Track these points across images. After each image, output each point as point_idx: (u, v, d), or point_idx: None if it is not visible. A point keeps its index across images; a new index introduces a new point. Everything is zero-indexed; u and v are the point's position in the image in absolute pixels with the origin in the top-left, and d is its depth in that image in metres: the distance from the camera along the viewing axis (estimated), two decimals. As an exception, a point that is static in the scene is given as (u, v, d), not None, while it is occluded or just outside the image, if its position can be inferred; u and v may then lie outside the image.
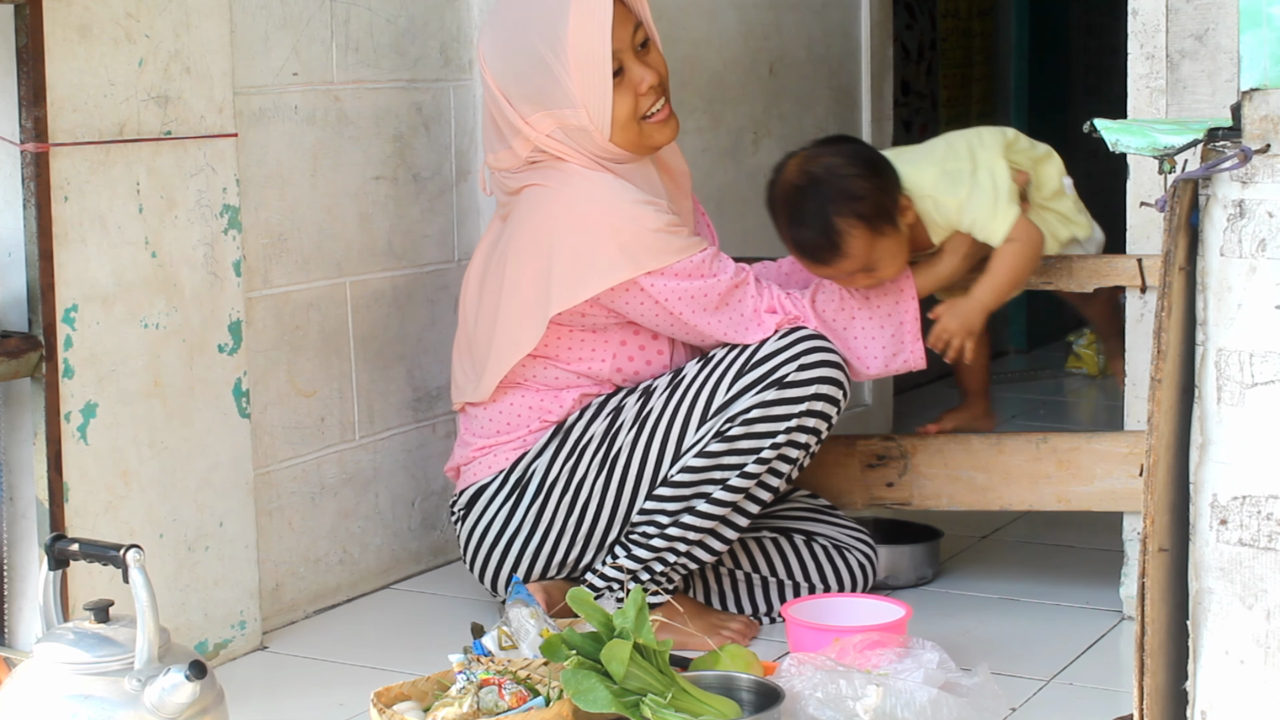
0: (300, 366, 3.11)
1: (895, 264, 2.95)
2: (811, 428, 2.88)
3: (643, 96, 2.91)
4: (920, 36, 5.39)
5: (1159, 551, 1.93)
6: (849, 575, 3.12)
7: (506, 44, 2.91)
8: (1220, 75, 2.93)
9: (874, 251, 2.91)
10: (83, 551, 2.21)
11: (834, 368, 2.88)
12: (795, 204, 2.95)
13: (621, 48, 2.89)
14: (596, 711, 2.37)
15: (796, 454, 2.89)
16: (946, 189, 2.98)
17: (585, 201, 2.89)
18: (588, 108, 2.87)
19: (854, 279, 2.95)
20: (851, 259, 2.90)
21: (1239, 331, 1.86)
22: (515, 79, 2.90)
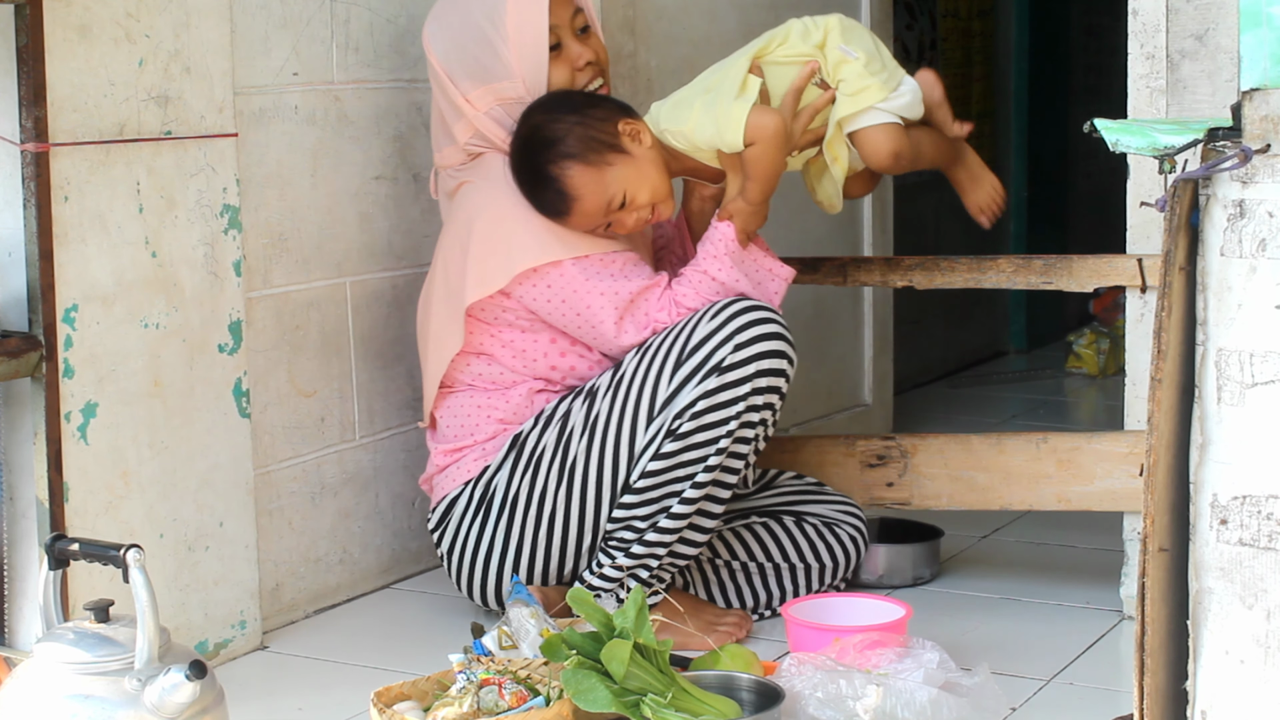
0: (300, 366, 3.11)
1: (653, 189, 2.88)
2: (762, 405, 2.84)
3: (579, 72, 2.96)
4: (920, 36, 5.39)
5: (1159, 551, 1.93)
6: (841, 551, 3.11)
7: (450, 23, 2.97)
8: (1220, 75, 2.93)
9: (612, 185, 2.85)
10: (83, 551, 2.21)
11: (772, 338, 2.82)
12: (517, 173, 2.90)
13: (559, 24, 2.94)
14: (597, 711, 2.37)
15: (753, 433, 2.86)
16: (672, 118, 2.90)
17: (505, 189, 2.92)
18: (524, 78, 2.92)
19: (630, 222, 2.88)
20: (591, 198, 2.85)
21: (1239, 331, 1.86)
22: (458, 55, 2.95)
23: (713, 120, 2.86)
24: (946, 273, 3.20)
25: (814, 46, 2.96)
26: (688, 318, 2.87)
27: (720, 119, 2.86)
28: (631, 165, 2.88)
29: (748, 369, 2.81)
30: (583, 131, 2.86)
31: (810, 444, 3.32)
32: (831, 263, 3.30)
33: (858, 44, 2.94)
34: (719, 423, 2.82)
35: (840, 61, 2.93)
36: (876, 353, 4.50)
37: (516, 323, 2.94)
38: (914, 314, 5.07)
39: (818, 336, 4.30)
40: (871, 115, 2.92)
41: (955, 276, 3.20)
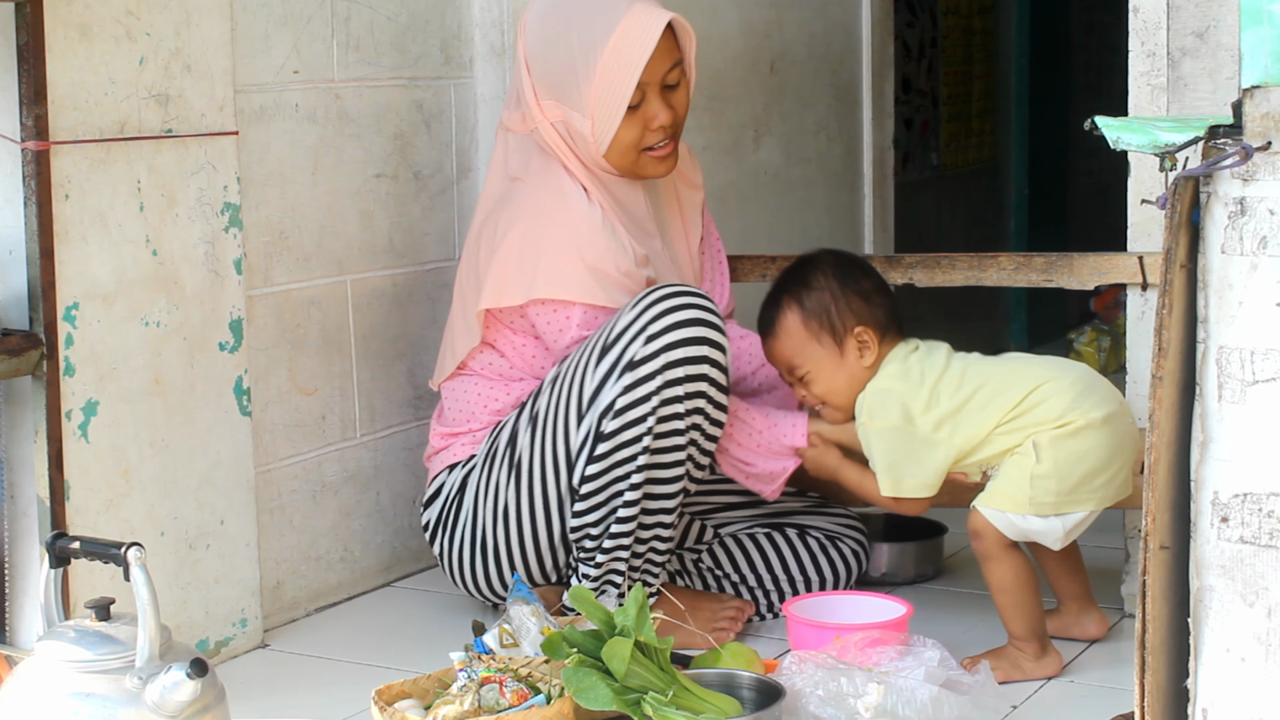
0: (301, 364, 3.11)
1: (831, 391, 2.87)
2: (683, 396, 2.75)
3: (651, 132, 2.89)
4: (921, 34, 5.39)
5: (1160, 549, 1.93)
6: (843, 564, 3.11)
7: (548, 29, 2.89)
8: (1221, 73, 2.93)
9: (804, 351, 2.87)
10: (84, 549, 2.21)
11: (687, 326, 2.73)
12: (784, 274, 2.94)
13: (650, 81, 2.86)
14: (598, 709, 2.37)
15: (681, 426, 2.77)
16: (873, 408, 2.83)
17: (553, 206, 2.87)
18: (595, 121, 2.85)
19: (794, 384, 2.91)
20: (784, 346, 2.88)
21: (1240, 329, 1.86)
22: (544, 62, 2.89)
23: (888, 461, 2.81)
24: (947, 270, 3.20)
25: (1052, 420, 2.71)
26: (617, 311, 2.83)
27: (892, 468, 2.81)
28: (833, 361, 2.85)
29: (655, 363, 2.73)
30: (828, 301, 2.85)
31: (811, 442, 3.32)
32: (832, 260, 3.29)
33: (1075, 457, 2.71)
34: (637, 420, 2.75)
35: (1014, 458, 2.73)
36: (877, 350, 4.49)
37: (529, 330, 2.93)
38: (915, 312, 5.06)
39: (819, 334, 4.30)
40: (995, 514, 2.73)
41: (956, 274, 3.20)
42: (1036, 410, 2.71)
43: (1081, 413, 2.69)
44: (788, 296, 2.88)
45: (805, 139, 4.23)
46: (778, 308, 2.88)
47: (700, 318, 2.75)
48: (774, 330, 2.89)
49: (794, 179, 4.21)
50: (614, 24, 2.81)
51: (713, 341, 2.75)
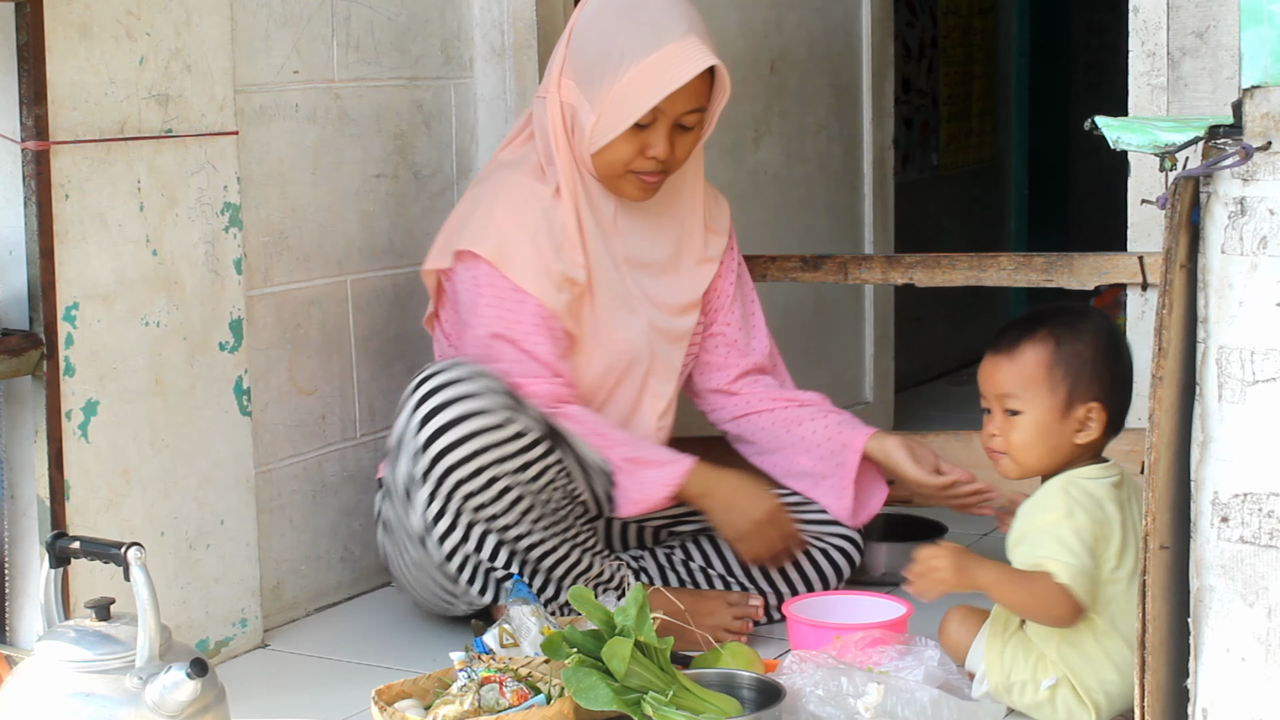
0: (301, 364, 3.11)
1: (1029, 440, 2.52)
2: (473, 491, 2.73)
3: (644, 158, 2.88)
4: (921, 34, 5.39)
5: (1160, 549, 1.93)
6: (832, 570, 3.08)
7: (604, 17, 2.88)
8: (1221, 73, 2.93)
9: (1031, 390, 2.51)
10: (84, 549, 2.21)
11: (447, 428, 2.70)
12: (1036, 310, 2.60)
13: (667, 111, 2.85)
14: (598, 709, 2.37)
15: (493, 508, 2.74)
16: (1032, 508, 2.52)
17: (512, 180, 2.91)
18: (599, 120, 2.86)
19: (994, 414, 2.56)
20: (1013, 365, 2.52)
21: (1240, 329, 1.86)
22: (584, 44, 2.89)
23: (1030, 549, 2.47)
24: (947, 270, 3.20)
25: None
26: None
27: (1029, 553, 2.47)
28: (1051, 419, 2.50)
29: (436, 471, 2.72)
30: (1086, 357, 2.50)
31: (811, 442, 3.32)
32: (833, 260, 3.30)
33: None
34: (450, 531, 2.76)
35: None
36: (878, 350, 4.50)
37: (455, 308, 2.95)
38: (915, 312, 5.07)
39: (819, 334, 4.30)
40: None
41: (956, 274, 3.20)
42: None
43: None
44: (1048, 329, 2.53)
45: (805, 139, 4.23)
46: (1031, 333, 2.54)
47: (444, 402, 2.72)
48: (1014, 352, 2.54)
49: (794, 179, 4.21)
50: (661, 44, 2.81)
51: (472, 414, 2.72)
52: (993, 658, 2.51)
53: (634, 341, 2.98)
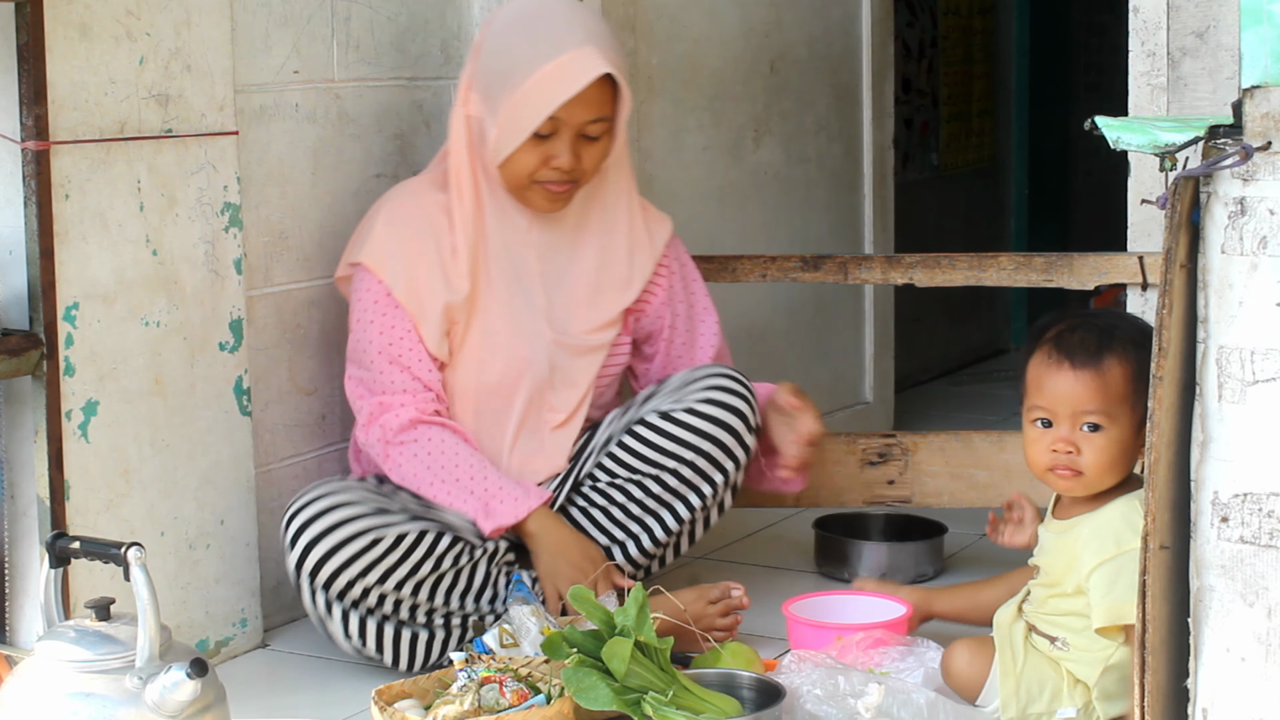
0: (301, 364, 3.11)
1: (1107, 458, 2.41)
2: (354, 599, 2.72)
3: (547, 168, 2.88)
4: (921, 34, 5.39)
5: (1160, 549, 1.93)
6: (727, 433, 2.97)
7: (507, 31, 2.91)
8: (1221, 73, 2.93)
9: (1116, 407, 2.40)
10: (84, 549, 2.21)
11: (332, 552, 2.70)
12: (1083, 321, 2.47)
13: (568, 121, 2.85)
14: (598, 709, 2.37)
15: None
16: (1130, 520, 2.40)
17: (411, 195, 2.94)
18: (500, 132, 2.87)
19: (1070, 429, 2.43)
20: (1100, 380, 2.40)
21: (1240, 329, 1.86)
22: (488, 57, 2.91)
23: (1108, 598, 2.39)
24: (947, 270, 3.20)
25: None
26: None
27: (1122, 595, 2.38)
28: (1127, 435, 2.41)
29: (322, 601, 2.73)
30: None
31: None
32: (833, 260, 3.30)
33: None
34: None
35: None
36: (878, 350, 4.50)
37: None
38: (915, 312, 5.07)
39: (819, 334, 4.30)
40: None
41: (956, 274, 3.20)
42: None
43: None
44: (1122, 344, 2.40)
45: (805, 139, 4.23)
46: (1109, 344, 2.41)
47: (316, 536, 2.72)
48: (1098, 367, 2.40)
49: (794, 179, 4.21)
50: (556, 53, 2.82)
51: (342, 542, 2.72)
52: (1008, 692, 2.46)
53: (533, 353, 2.96)
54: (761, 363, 4.09)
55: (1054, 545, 2.49)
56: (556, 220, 2.99)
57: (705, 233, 3.89)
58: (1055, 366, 2.42)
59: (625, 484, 2.97)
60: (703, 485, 2.96)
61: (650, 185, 3.74)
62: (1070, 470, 2.42)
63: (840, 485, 3.28)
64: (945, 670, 2.52)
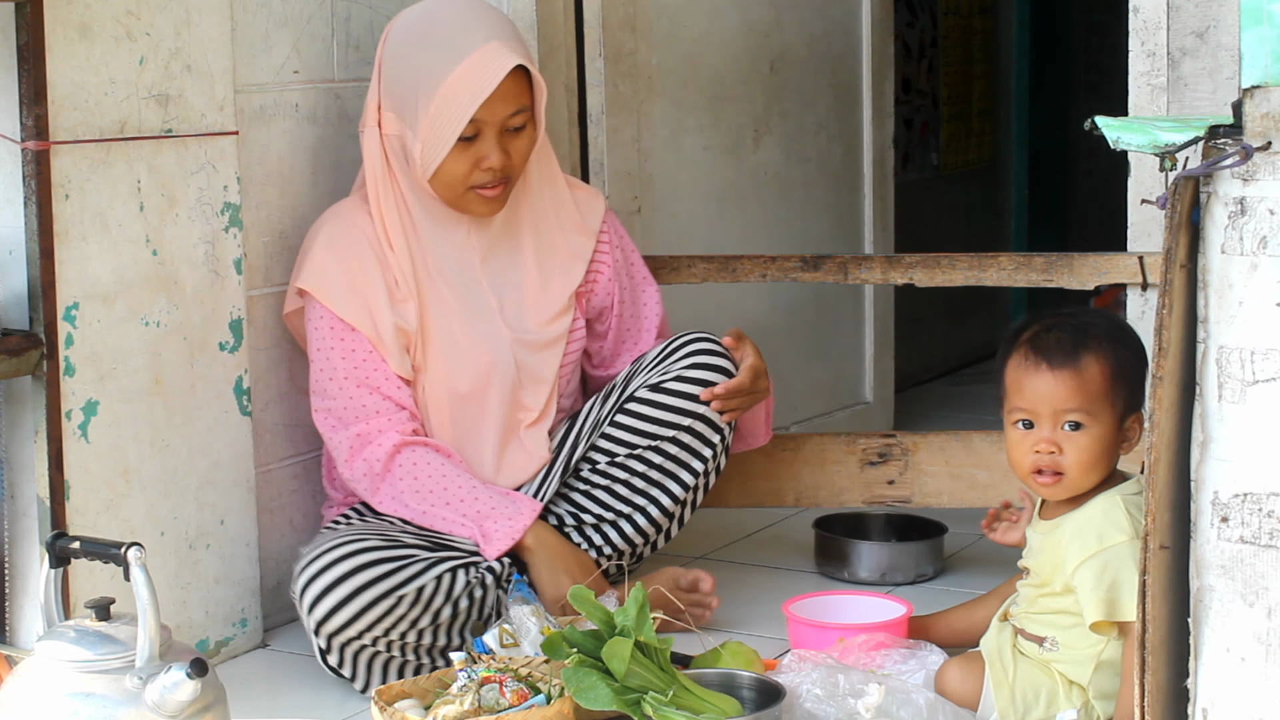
0: (301, 364, 3.11)
1: (1088, 458, 2.41)
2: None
3: (480, 171, 2.86)
4: (921, 34, 5.39)
5: (1160, 549, 1.93)
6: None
7: (405, 43, 2.88)
8: (1221, 73, 2.93)
9: (1096, 405, 2.41)
10: (84, 549, 2.21)
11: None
12: (1056, 320, 2.48)
13: (489, 120, 2.83)
14: (598, 709, 2.37)
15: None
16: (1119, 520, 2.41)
17: (330, 221, 2.92)
18: (424, 145, 2.84)
19: (1050, 430, 2.43)
20: (1078, 379, 2.40)
21: (1240, 329, 1.86)
22: (393, 74, 2.88)
23: (1100, 588, 2.38)
24: (947, 270, 3.20)
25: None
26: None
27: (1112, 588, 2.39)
28: (1108, 433, 2.42)
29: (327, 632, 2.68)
30: (1140, 371, 2.43)
31: (811, 441, 3.32)
32: (833, 260, 3.30)
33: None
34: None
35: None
36: (877, 350, 4.50)
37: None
38: (915, 311, 5.07)
39: (819, 334, 4.30)
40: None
41: (956, 274, 3.20)
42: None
43: None
44: (1098, 341, 2.42)
45: (805, 139, 4.23)
46: (1084, 342, 2.42)
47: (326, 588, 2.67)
48: (1076, 366, 2.41)
49: (794, 179, 4.21)
50: (462, 56, 2.80)
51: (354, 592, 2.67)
52: (1004, 703, 2.45)
53: (497, 356, 2.95)
54: (761, 363, 4.09)
55: (1040, 545, 2.50)
56: (490, 220, 2.97)
57: (705, 233, 3.89)
58: (1034, 368, 2.43)
59: (626, 460, 2.98)
60: (703, 449, 2.99)
61: (650, 185, 3.74)
62: (1053, 475, 2.44)
63: (840, 485, 3.28)
64: (940, 691, 2.52)
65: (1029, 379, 2.44)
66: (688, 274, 3.31)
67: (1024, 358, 2.46)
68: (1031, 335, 2.47)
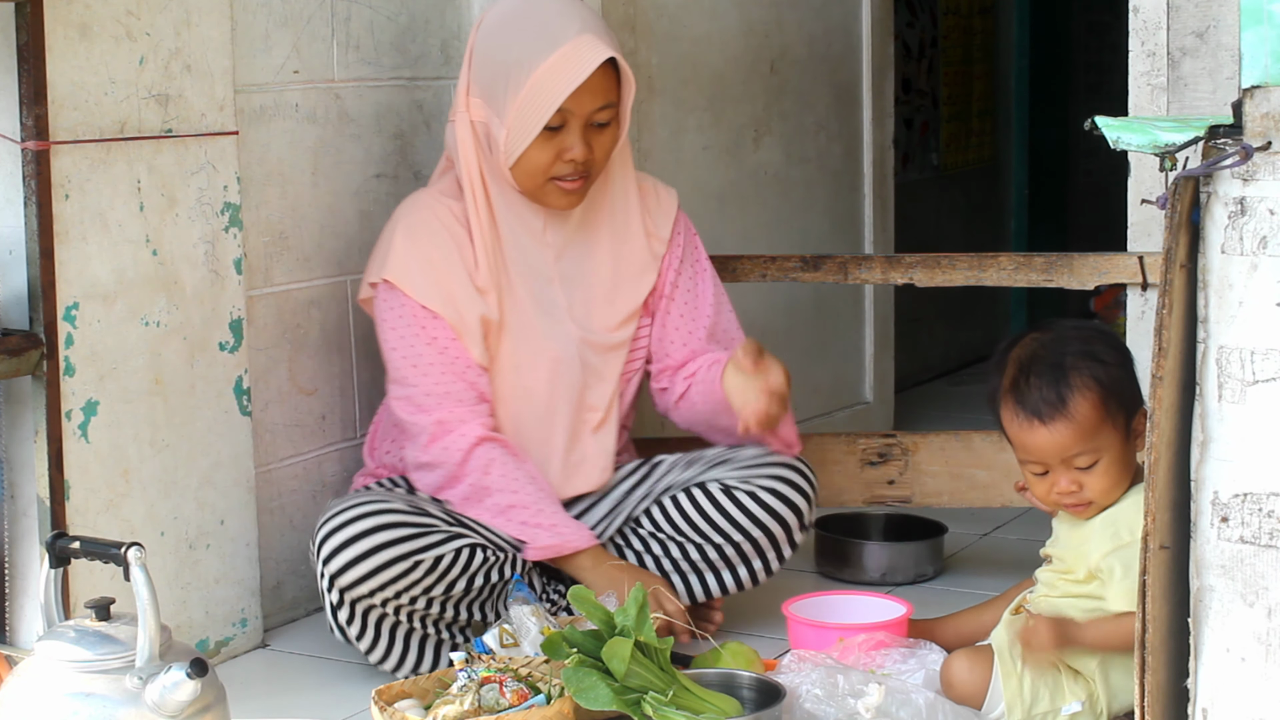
0: (301, 364, 3.11)
1: (1111, 481, 2.45)
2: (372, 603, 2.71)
3: (562, 162, 2.85)
4: (921, 34, 5.39)
5: (1160, 549, 1.93)
6: (791, 513, 2.96)
7: (499, 31, 2.89)
8: (1221, 73, 2.93)
9: (1099, 437, 2.42)
10: (84, 549, 2.21)
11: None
12: (1030, 358, 2.48)
13: (576, 112, 2.83)
14: (598, 709, 2.37)
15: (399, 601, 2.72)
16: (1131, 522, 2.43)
17: (410, 211, 2.92)
18: (510, 132, 2.84)
19: (1060, 477, 2.47)
20: (1072, 428, 2.42)
21: (1240, 329, 1.86)
22: (485, 60, 2.89)
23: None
24: (947, 270, 3.20)
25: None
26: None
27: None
28: (1121, 447, 2.46)
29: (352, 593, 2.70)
30: (1121, 377, 2.45)
31: (811, 441, 3.32)
32: (833, 260, 3.30)
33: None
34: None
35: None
36: (878, 350, 4.50)
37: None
38: (915, 312, 5.07)
39: (819, 334, 4.30)
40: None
41: (956, 274, 3.20)
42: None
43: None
44: (1078, 374, 2.43)
45: (805, 139, 4.23)
46: (1068, 386, 2.42)
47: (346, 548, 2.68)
48: (1066, 413, 2.42)
49: (794, 179, 4.21)
50: (556, 46, 2.80)
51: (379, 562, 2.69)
52: (1012, 695, 2.45)
53: (565, 354, 2.94)
54: (761, 363, 4.09)
55: (1068, 535, 2.52)
56: (567, 216, 2.97)
57: (705, 233, 3.88)
58: (1027, 426, 2.45)
59: (666, 541, 2.95)
60: (739, 568, 2.95)
61: (650, 185, 3.74)
62: (1079, 504, 2.47)
63: (840, 485, 3.28)
64: (946, 683, 2.52)
65: (1027, 437, 2.47)
66: (688, 274, 3.31)
67: (1014, 415, 2.47)
68: (1012, 385, 2.47)
